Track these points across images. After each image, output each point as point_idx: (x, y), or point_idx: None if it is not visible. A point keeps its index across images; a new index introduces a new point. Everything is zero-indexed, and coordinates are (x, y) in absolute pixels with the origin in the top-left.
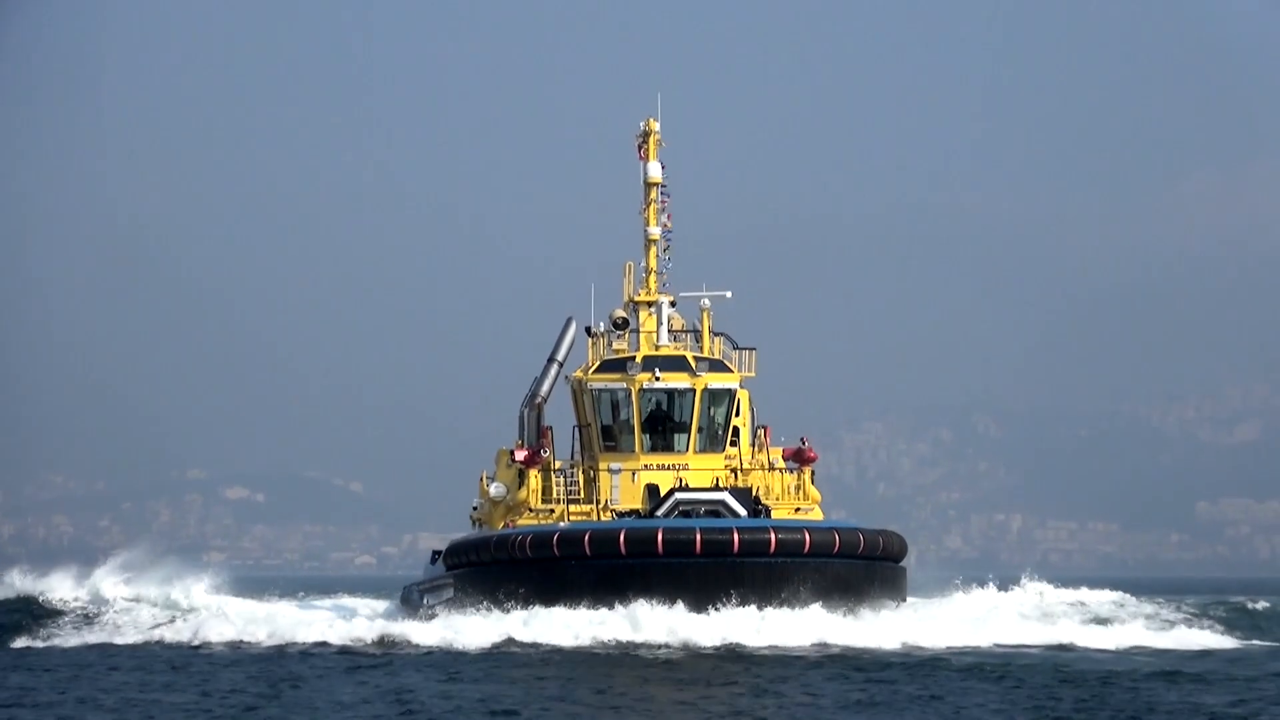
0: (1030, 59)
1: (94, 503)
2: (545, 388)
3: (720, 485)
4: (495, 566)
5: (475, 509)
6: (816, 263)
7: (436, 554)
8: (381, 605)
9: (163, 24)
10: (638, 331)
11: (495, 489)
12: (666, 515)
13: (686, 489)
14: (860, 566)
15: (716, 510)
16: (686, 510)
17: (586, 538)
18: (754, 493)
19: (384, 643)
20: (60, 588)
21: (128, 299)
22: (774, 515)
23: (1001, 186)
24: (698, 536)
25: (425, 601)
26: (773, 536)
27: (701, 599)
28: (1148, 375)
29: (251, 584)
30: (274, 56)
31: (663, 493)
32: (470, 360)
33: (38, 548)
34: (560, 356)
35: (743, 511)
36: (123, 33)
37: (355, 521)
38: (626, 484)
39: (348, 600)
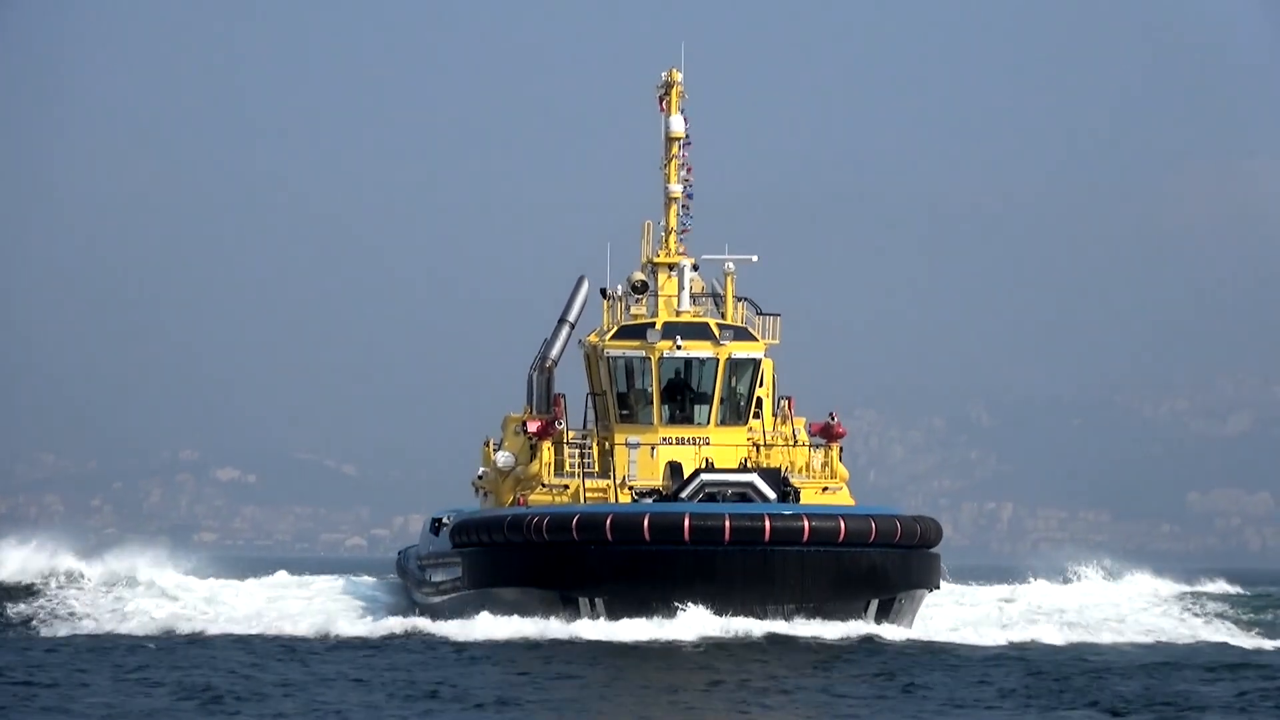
0: (1026, 54)
1: (86, 482)
2: (556, 350)
3: (747, 464)
4: (508, 548)
5: (480, 478)
6: (814, 242)
7: (437, 523)
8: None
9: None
10: (656, 295)
11: (503, 458)
12: (691, 498)
13: (712, 469)
14: (897, 555)
15: (744, 493)
16: (712, 493)
17: (608, 521)
18: (782, 472)
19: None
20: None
21: (119, 279)
22: (803, 496)
23: (996, 176)
24: (726, 523)
25: (428, 576)
26: (806, 524)
27: (730, 589)
28: (1140, 366)
29: (248, 565)
30: (272, 18)
31: (686, 471)
32: (473, 331)
33: (29, 527)
34: (572, 317)
35: (772, 495)
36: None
37: (346, 503)
38: (645, 459)
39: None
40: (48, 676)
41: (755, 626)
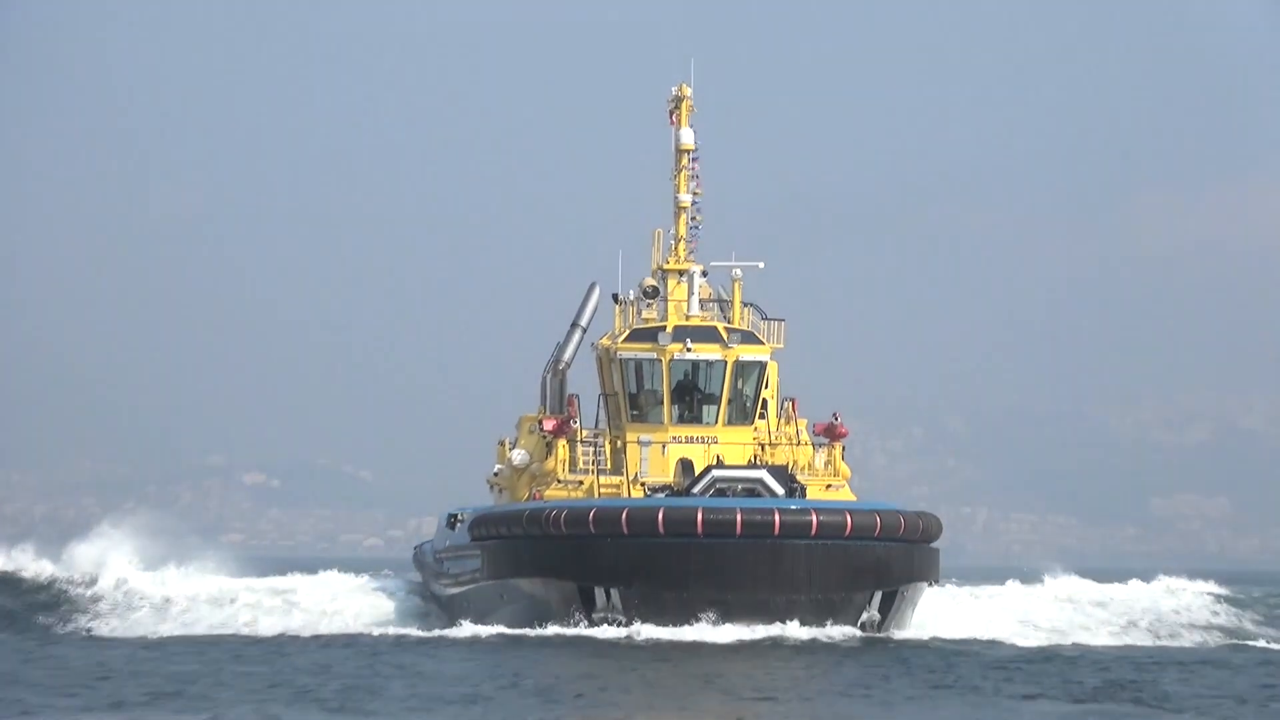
0: (1009, 69)
1: (120, 486)
2: (568, 354)
3: (757, 462)
4: (527, 541)
5: (495, 474)
6: (813, 252)
7: (453, 518)
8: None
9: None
10: (666, 300)
11: (519, 456)
12: (703, 493)
13: (723, 466)
14: (901, 549)
15: (754, 489)
16: (723, 489)
17: (624, 515)
18: (789, 469)
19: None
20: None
21: (150, 298)
22: (809, 493)
23: (982, 193)
24: (738, 517)
25: (446, 568)
26: (814, 518)
27: (740, 580)
28: (1106, 380)
29: (274, 564)
30: (281, 26)
31: (697, 468)
32: (484, 343)
33: (68, 527)
34: (584, 322)
35: (781, 490)
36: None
37: (364, 506)
38: (656, 456)
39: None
40: (115, 672)
41: (770, 619)
